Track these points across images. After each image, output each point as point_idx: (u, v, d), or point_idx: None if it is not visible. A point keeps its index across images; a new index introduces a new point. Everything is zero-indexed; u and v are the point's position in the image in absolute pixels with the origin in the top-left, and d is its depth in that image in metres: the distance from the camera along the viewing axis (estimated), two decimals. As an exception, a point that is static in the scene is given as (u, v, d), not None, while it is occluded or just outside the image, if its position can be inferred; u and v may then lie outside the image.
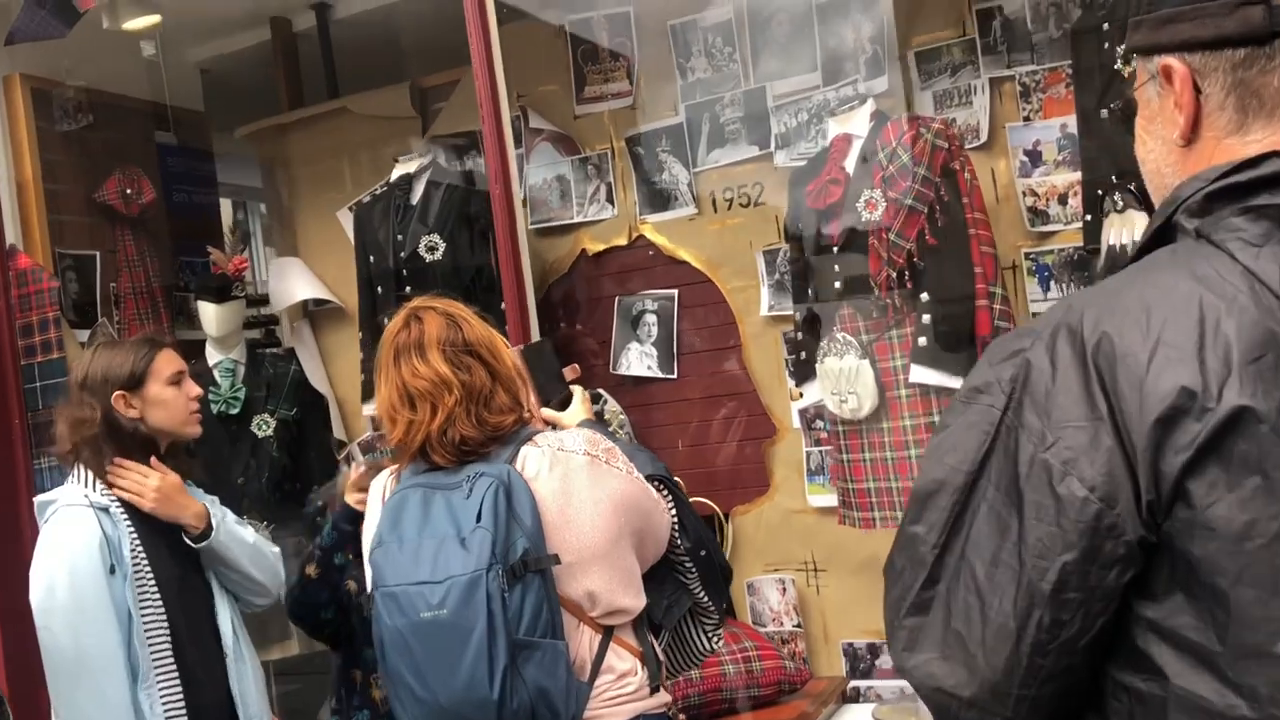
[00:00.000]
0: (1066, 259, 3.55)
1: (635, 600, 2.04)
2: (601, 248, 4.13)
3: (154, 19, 4.05)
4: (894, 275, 3.18)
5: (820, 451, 3.88)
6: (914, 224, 3.15)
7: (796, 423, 3.90)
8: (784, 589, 3.93)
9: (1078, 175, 3.51)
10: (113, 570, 2.31)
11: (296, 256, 4.75)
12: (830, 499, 3.85)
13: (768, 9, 3.89)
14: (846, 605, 3.88)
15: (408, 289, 3.85)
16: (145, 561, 2.39)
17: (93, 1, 3.87)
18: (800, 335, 3.51)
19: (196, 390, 2.60)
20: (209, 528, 2.52)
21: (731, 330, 3.96)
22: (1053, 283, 3.57)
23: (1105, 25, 3.10)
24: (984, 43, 3.62)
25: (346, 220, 4.61)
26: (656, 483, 2.17)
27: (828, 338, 3.32)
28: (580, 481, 2.00)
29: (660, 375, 4.02)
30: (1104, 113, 3.10)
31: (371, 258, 3.98)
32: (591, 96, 4.14)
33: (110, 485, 2.44)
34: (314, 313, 4.72)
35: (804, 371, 3.50)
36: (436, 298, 2.22)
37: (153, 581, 2.39)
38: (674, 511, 2.18)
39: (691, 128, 3.99)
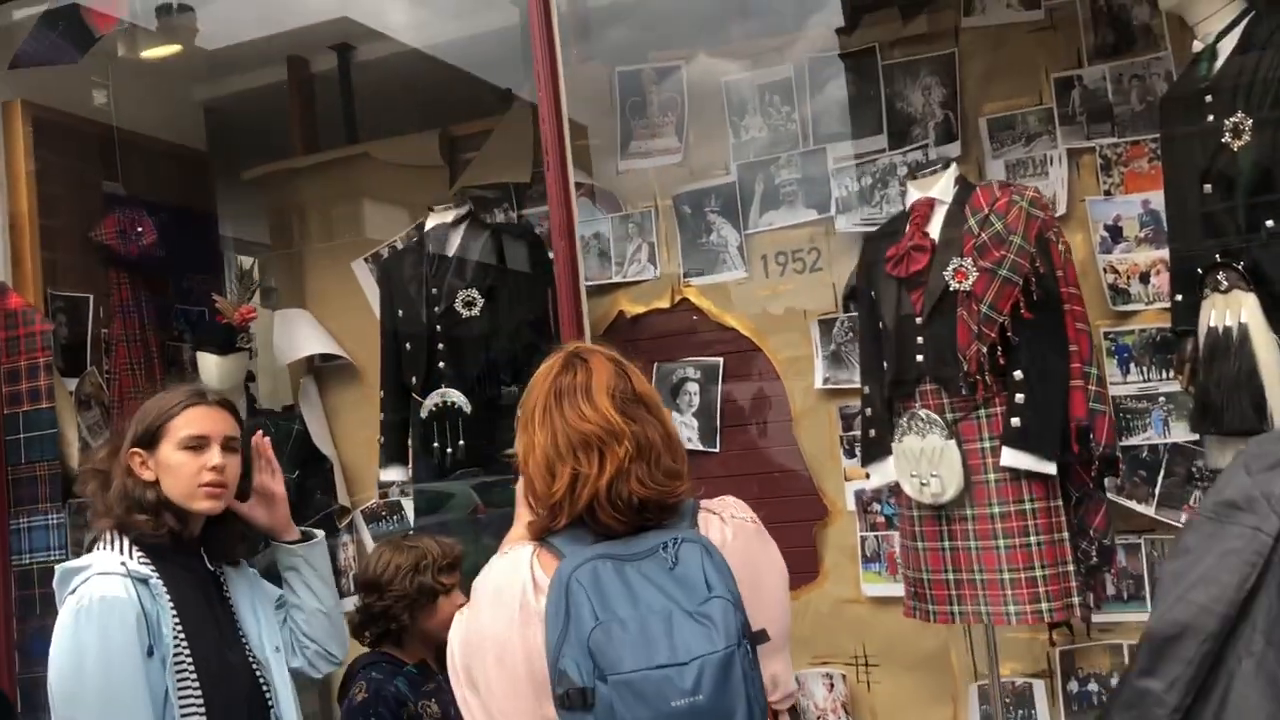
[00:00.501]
0: (1148, 340, 3.37)
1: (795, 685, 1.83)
2: (641, 310, 3.89)
3: (175, 48, 3.78)
4: (984, 350, 2.96)
5: (877, 537, 3.63)
6: (1008, 296, 2.94)
7: (851, 505, 3.66)
8: (831, 684, 3.64)
9: (1160, 253, 3.36)
10: (150, 652, 1.97)
11: (304, 308, 4.44)
12: (887, 588, 3.60)
13: (830, 69, 3.72)
14: (901, 704, 3.60)
15: (440, 345, 3.58)
16: (185, 642, 2.05)
17: (111, 25, 3.59)
18: (871, 411, 3.27)
19: (218, 461, 2.20)
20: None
21: (781, 403, 3.73)
22: (1133, 364, 3.38)
23: (1208, 97, 2.95)
24: (1062, 112, 3.47)
25: (362, 271, 4.34)
26: None
27: (908, 415, 3.08)
28: (758, 551, 1.78)
29: (701, 448, 3.76)
30: (1207, 187, 2.93)
31: (400, 311, 3.70)
32: (637, 152, 3.93)
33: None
34: (320, 369, 4.41)
35: (874, 450, 3.25)
36: (595, 343, 1.98)
37: (191, 667, 2.06)
38: None
39: (744, 188, 3.79)
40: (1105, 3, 3.44)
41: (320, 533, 2.47)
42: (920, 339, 3.07)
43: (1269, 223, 2.82)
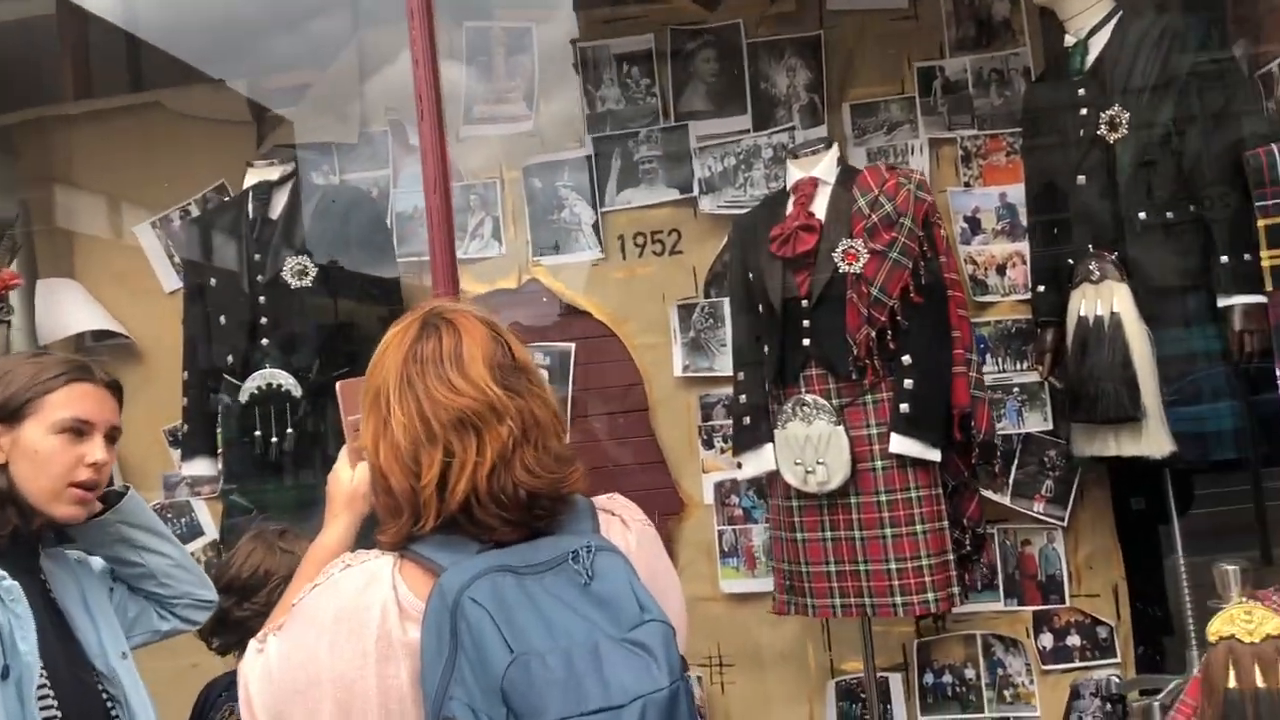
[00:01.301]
0: (1004, 331, 3.41)
1: None
2: (484, 290, 3.57)
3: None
4: (874, 334, 2.88)
5: (734, 531, 3.49)
6: (898, 279, 2.87)
7: (709, 498, 3.49)
8: (685, 688, 3.45)
9: (1017, 246, 3.41)
10: (5, 674, 1.50)
11: (72, 278, 3.82)
12: (745, 584, 3.47)
13: (692, 43, 3.56)
14: (757, 705, 3.47)
15: (263, 320, 3.12)
16: (41, 660, 1.59)
17: None
18: (746, 398, 3.11)
19: (101, 456, 1.75)
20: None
21: (637, 392, 3.52)
22: (989, 355, 3.41)
23: (1082, 90, 3.00)
24: (924, 102, 3.47)
25: (148, 237, 3.78)
26: None
27: (793, 401, 2.95)
28: (659, 561, 1.48)
29: (548, 440, 3.48)
30: (1081, 179, 2.98)
31: (213, 280, 3.21)
32: (483, 118, 3.61)
33: None
34: (91, 349, 3.79)
35: (748, 439, 3.10)
36: (457, 301, 1.62)
37: (50, 688, 1.60)
38: None
39: (600, 163, 3.56)
40: (967, -4, 3.46)
41: (129, 486, 1.99)
42: (807, 322, 2.95)
43: (1142, 215, 2.90)
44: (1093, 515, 3.34)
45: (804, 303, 2.95)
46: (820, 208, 3.00)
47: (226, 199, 3.54)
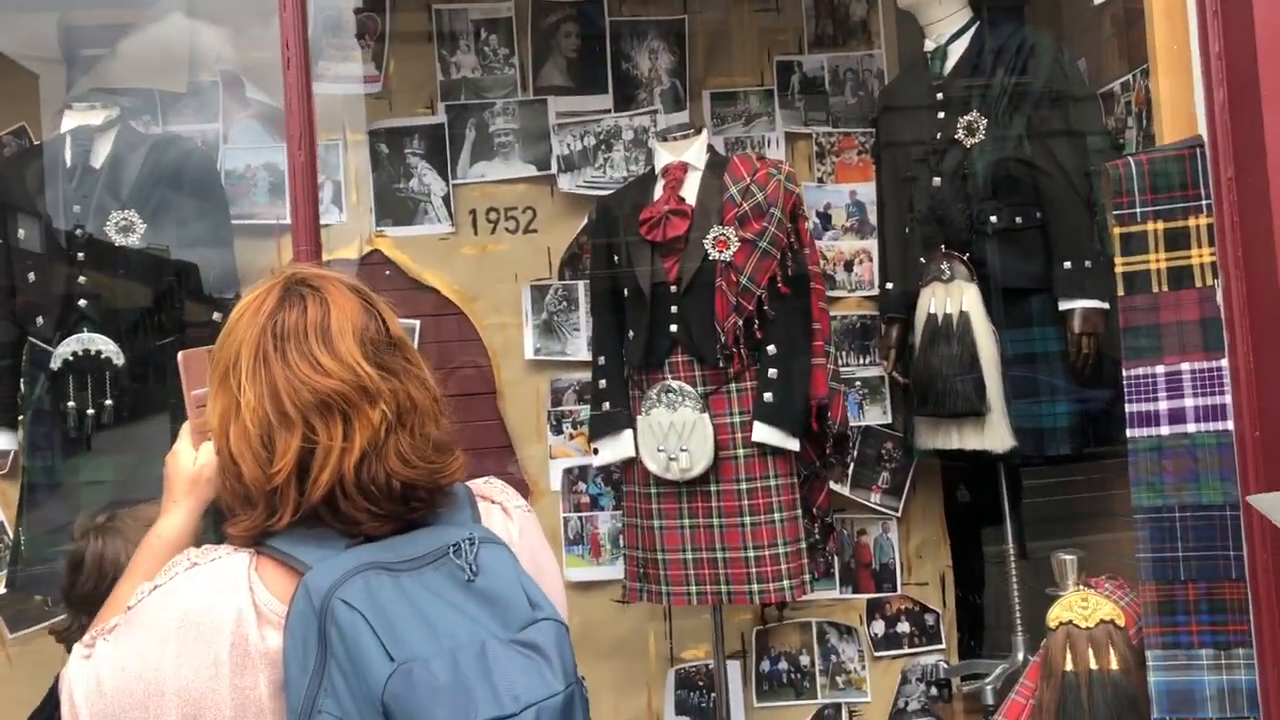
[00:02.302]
0: (849, 326, 3.49)
1: None
2: (323, 259, 3.34)
3: None
4: (741, 323, 2.87)
5: (580, 518, 3.42)
6: (766, 269, 2.88)
7: (556, 485, 3.41)
8: (524, 678, 3.37)
9: (864, 243, 3.50)
10: None
11: None
12: (590, 573, 3.41)
13: (554, 16, 3.46)
14: (595, 693, 3.40)
15: (81, 279, 2.81)
16: None
17: None
18: (605, 383, 3.05)
19: None
20: None
21: (485, 374, 3.39)
22: (832, 349, 3.47)
23: (940, 94, 3.11)
24: (781, 96, 3.50)
25: (-72, 180, 3.33)
26: None
27: (659, 387, 2.91)
28: (542, 550, 1.40)
29: (388, 421, 3.31)
30: (937, 180, 3.08)
31: (22, 232, 2.86)
32: (325, 75, 3.38)
33: None
34: None
35: (605, 425, 3.03)
36: (320, 266, 1.49)
37: None
38: None
39: (454, 131, 3.40)
40: (827, -7, 3.52)
41: None
42: (675, 308, 2.92)
43: (993, 219, 3.02)
44: (924, 506, 3.47)
45: (673, 288, 2.92)
46: (690, 193, 2.97)
47: (33, 143, 3.17)
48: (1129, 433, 2.42)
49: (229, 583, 1.18)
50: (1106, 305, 2.85)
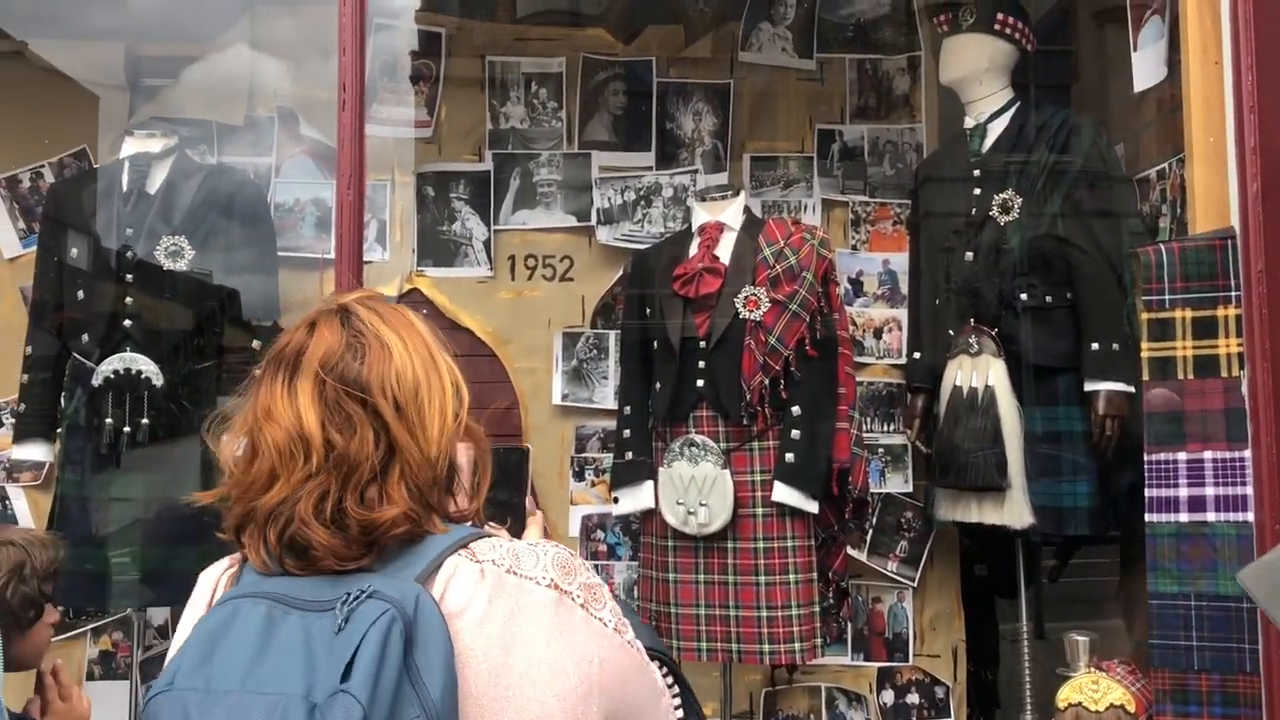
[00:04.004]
0: (875, 393, 3.51)
1: None
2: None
3: None
4: (767, 382, 2.91)
5: (597, 566, 3.44)
6: (795, 331, 2.91)
7: (574, 531, 3.44)
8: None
9: (894, 311, 3.53)
10: None
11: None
12: (602, 621, 3.41)
13: (603, 73, 3.55)
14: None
15: (128, 300, 2.89)
16: None
17: None
18: (629, 433, 3.08)
19: None
20: None
21: (513, 418, 3.44)
22: (857, 414, 3.49)
23: (977, 171, 3.15)
24: (821, 163, 3.56)
25: (-10, 196, 3.45)
26: (656, 663, 1.33)
27: (682, 440, 2.94)
28: (536, 629, 1.14)
29: (414, 458, 3.35)
30: (969, 255, 3.12)
31: (74, 250, 2.95)
32: (378, 117, 3.48)
33: None
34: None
35: (627, 475, 3.06)
36: (376, 295, 1.34)
37: None
38: (679, 709, 1.41)
39: (498, 180, 3.49)
40: (871, 67, 3.59)
41: None
42: (703, 363, 2.96)
43: (1023, 296, 3.05)
44: (941, 578, 3.47)
45: (702, 344, 2.96)
46: (725, 252, 3.02)
47: (92, 166, 3.28)
48: (1148, 517, 2.42)
49: (205, 582, 1.27)
50: (1132, 389, 2.86)
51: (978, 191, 3.14)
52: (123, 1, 3.61)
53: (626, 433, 3.11)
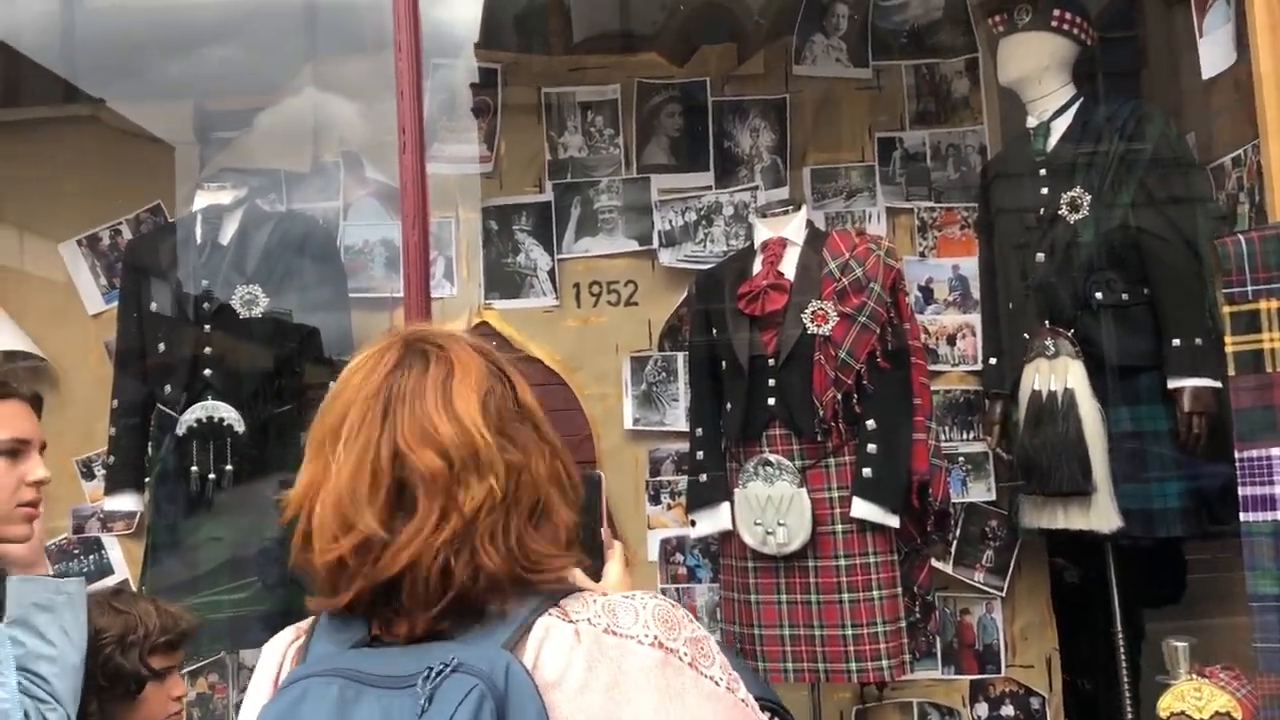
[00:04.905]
0: (953, 401, 3.46)
1: None
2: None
3: None
4: (840, 397, 2.88)
5: (678, 590, 3.43)
6: (865, 343, 2.88)
7: (653, 555, 3.44)
8: (620, 750, 3.37)
9: (966, 317, 3.48)
10: None
11: (-14, 294, 3.58)
12: (687, 645, 3.39)
13: (658, 97, 3.56)
14: (692, 769, 3.39)
15: (207, 350, 2.97)
16: None
17: None
18: (703, 454, 3.07)
19: (43, 474, 1.71)
20: None
21: (586, 444, 3.45)
22: (934, 424, 3.44)
23: (1043, 171, 3.09)
24: (883, 171, 3.53)
25: (72, 255, 3.58)
26: (767, 715, 1.22)
27: (756, 460, 2.92)
28: (643, 696, 1.03)
29: (491, 489, 3.38)
30: (1040, 256, 3.06)
31: (154, 305, 3.04)
32: (440, 156, 3.53)
33: None
34: (2, 369, 3.55)
35: (704, 496, 3.05)
36: (443, 326, 1.31)
37: None
38: None
39: (559, 209, 3.52)
40: (928, 72, 3.55)
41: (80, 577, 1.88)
42: (773, 381, 2.94)
43: (1098, 295, 2.98)
44: (1030, 586, 3.39)
45: (770, 361, 2.94)
46: (789, 268, 3.00)
47: (167, 220, 3.39)
48: (1243, 516, 2.34)
49: (270, 658, 1.17)
50: (1218, 384, 2.77)
51: (1045, 190, 3.08)
52: (189, 58, 3.73)
53: (700, 454, 3.10)
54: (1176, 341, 2.88)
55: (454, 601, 1.04)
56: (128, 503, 3.09)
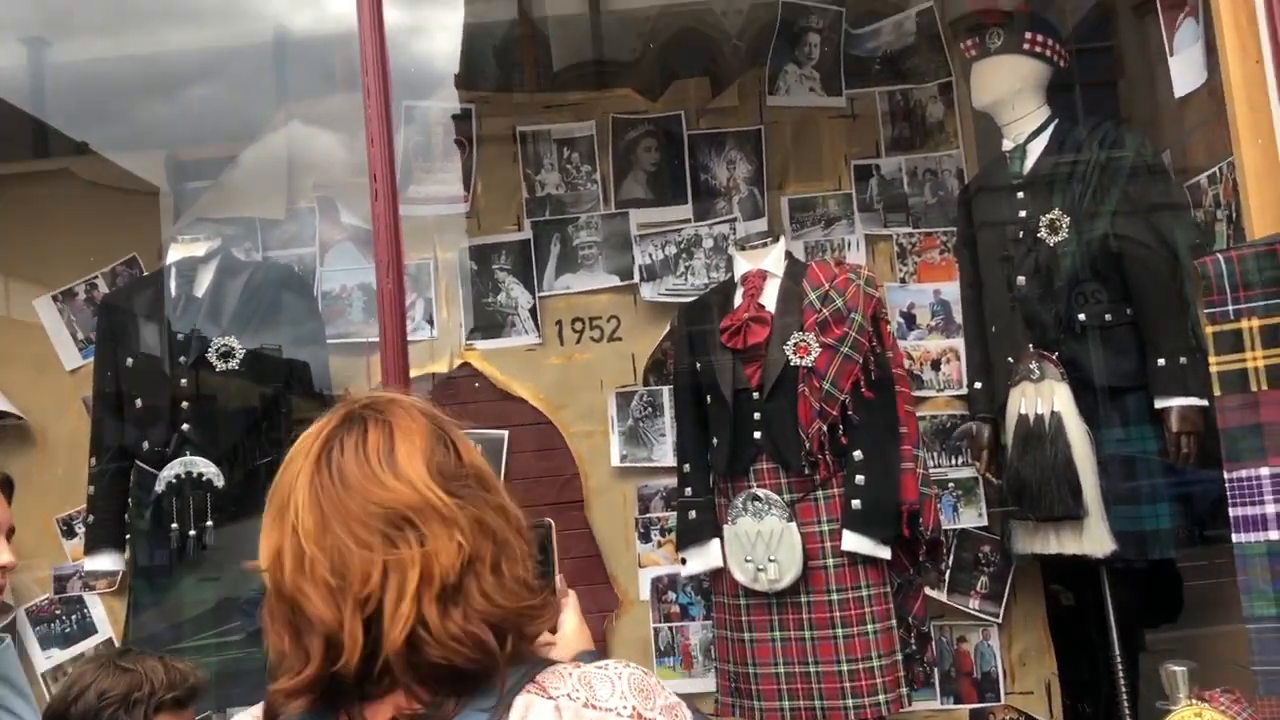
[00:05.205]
0: (939, 426, 3.44)
1: None
2: (414, 375, 3.42)
3: None
4: (826, 428, 2.85)
5: (671, 628, 3.39)
6: (849, 374, 2.86)
7: (645, 594, 3.40)
8: (618, 794, 3.31)
9: (950, 341, 3.46)
10: None
11: (-42, 352, 3.55)
12: (682, 684, 3.35)
13: (633, 131, 3.55)
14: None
15: (184, 404, 2.93)
16: None
17: None
18: (691, 490, 3.04)
19: (9, 559, 1.69)
20: None
21: (573, 483, 3.42)
22: (921, 451, 3.41)
23: (1021, 193, 3.08)
24: (860, 199, 3.52)
25: (48, 311, 3.54)
26: None
27: (744, 495, 2.89)
28: None
29: (478, 532, 3.34)
30: (1021, 279, 3.04)
31: (129, 361, 3.00)
32: (416, 198, 3.52)
33: None
34: (-22, 430, 3.51)
35: (693, 533, 3.01)
36: (395, 390, 1.28)
37: None
38: None
39: (539, 246, 3.49)
40: (902, 98, 3.55)
41: (5, 636, 1.85)
42: (758, 414, 2.91)
43: (1081, 316, 2.97)
44: (1026, 611, 3.36)
45: (755, 394, 2.91)
46: (770, 300, 2.98)
47: (142, 274, 3.36)
48: (1235, 538, 2.31)
49: None
50: (1205, 402, 2.75)
51: (1024, 214, 3.07)
52: (161, 107, 3.71)
53: (688, 490, 3.06)
54: (1161, 361, 2.86)
55: (430, 671, 1.02)
56: (108, 562, 3.04)
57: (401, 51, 3.42)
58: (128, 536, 3.01)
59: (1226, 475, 2.34)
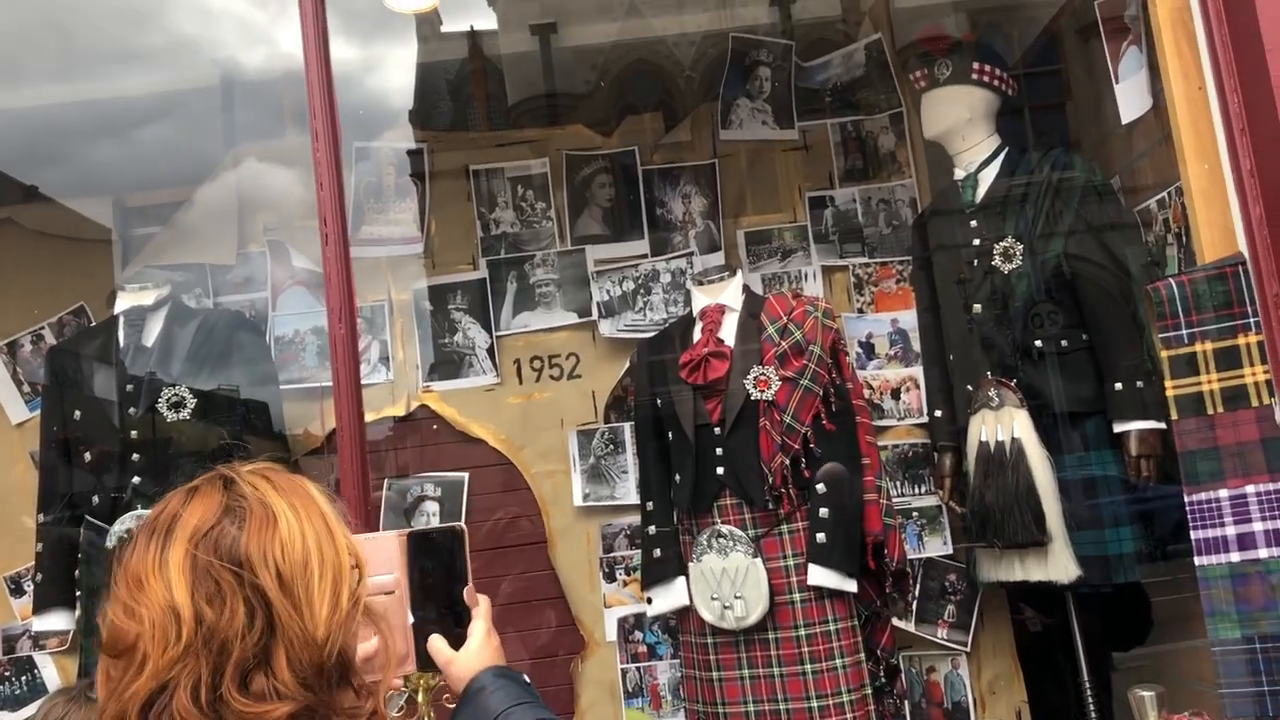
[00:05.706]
0: (901, 455, 3.43)
1: None
2: (370, 418, 3.38)
3: None
4: (788, 462, 2.83)
5: (639, 669, 3.35)
6: (809, 406, 2.85)
7: (611, 634, 3.35)
8: (590, 841, 3.26)
9: (910, 370, 3.46)
10: None
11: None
12: (651, 725, 3.31)
13: (587, 168, 3.54)
14: None
15: (135, 456, 2.86)
16: None
17: None
18: (655, 529, 3.01)
19: None
20: None
21: (535, 523, 3.37)
22: (884, 482, 3.41)
23: (974, 222, 3.10)
24: (816, 230, 3.52)
25: (-9, 364, 3.46)
26: None
27: (709, 532, 2.86)
28: None
29: (440, 576, 3.28)
30: (977, 307, 3.06)
31: (77, 413, 2.93)
32: (369, 239, 3.48)
33: None
34: (-78, 488, 3.41)
35: (658, 572, 2.98)
36: (273, 465, 1.24)
37: None
38: None
39: (495, 286, 3.47)
40: (854, 129, 3.56)
41: None
42: (720, 450, 2.89)
43: (1038, 343, 2.98)
44: (994, 639, 3.35)
45: (716, 430, 2.89)
46: (729, 334, 2.97)
47: (91, 324, 3.29)
48: (1197, 561, 2.32)
49: None
50: (1163, 425, 2.77)
51: (977, 242, 3.09)
52: (110, 151, 3.65)
53: (651, 529, 3.03)
54: (1118, 385, 2.88)
55: None
56: (57, 621, 2.96)
57: (353, 89, 3.40)
58: (78, 594, 2.92)
59: (1187, 498, 2.35)
